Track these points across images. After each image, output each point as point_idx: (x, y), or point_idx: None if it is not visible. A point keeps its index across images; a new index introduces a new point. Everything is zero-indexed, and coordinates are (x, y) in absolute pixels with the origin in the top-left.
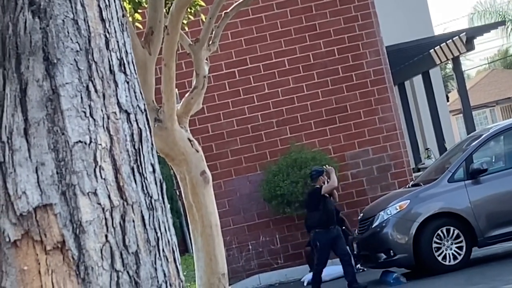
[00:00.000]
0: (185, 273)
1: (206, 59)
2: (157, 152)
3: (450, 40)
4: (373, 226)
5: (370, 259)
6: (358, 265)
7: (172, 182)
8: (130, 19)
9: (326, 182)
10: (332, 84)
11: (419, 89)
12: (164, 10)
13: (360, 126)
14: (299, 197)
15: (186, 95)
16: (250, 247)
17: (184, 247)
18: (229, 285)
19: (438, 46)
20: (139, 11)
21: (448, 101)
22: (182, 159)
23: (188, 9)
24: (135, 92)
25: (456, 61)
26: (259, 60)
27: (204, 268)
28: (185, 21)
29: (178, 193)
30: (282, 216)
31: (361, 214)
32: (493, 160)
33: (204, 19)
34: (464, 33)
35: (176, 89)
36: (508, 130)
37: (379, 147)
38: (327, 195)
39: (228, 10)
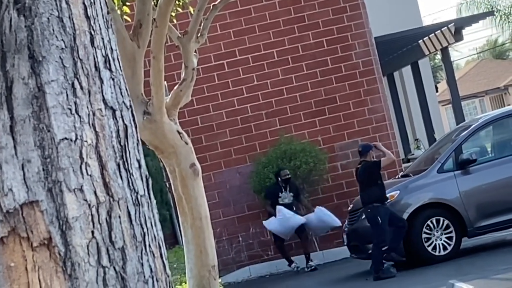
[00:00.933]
0: (175, 266)
1: (195, 51)
2: (146, 145)
3: (439, 31)
4: (363, 217)
5: (360, 250)
6: (310, 262)
7: (162, 174)
8: (119, 12)
9: (373, 157)
10: (321, 76)
11: (408, 80)
12: (153, 3)
13: (349, 117)
14: None
15: (175, 87)
16: (240, 239)
17: (174, 240)
18: (220, 277)
19: (427, 37)
20: (127, 4)
21: (437, 91)
22: (171, 151)
23: (177, 2)
24: (120, 89)
25: (445, 51)
26: (248, 52)
27: (194, 261)
28: (173, 14)
29: (168, 185)
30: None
31: (351, 205)
32: (483, 151)
33: (192, 12)
34: (453, 23)
35: (165, 82)
36: (497, 120)
37: (369, 138)
38: None
39: (216, 2)
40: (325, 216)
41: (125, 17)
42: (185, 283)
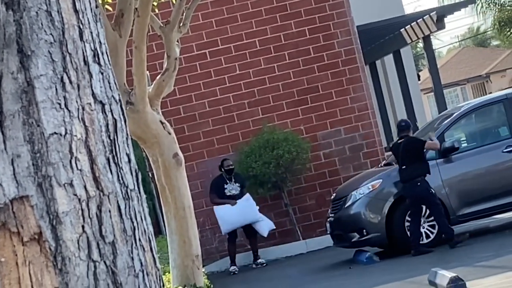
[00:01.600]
0: (159, 255)
1: (177, 41)
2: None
3: (421, 19)
4: (346, 206)
5: (343, 238)
6: (259, 260)
7: (145, 164)
8: (100, 1)
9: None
10: (303, 65)
11: (390, 68)
12: None
13: (332, 106)
14: (271, 177)
15: (158, 77)
16: None
17: (157, 230)
18: (203, 266)
19: (409, 25)
20: None
21: (419, 80)
22: (154, 141)
23: None
24: (109, 83)
25: (427, 39)
26: (230, 41)
27: (178, 250)
28: (155, 3)
29: (150, 175)
30: (255, 197)
31: (334, 194)
32: (465, 139)
33: (174, 1)
34: (435, 11)
35: (147, 72)
36: (479, 108)
37: (351, 127)
38: None
39: None
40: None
41: (106, 6)
42: (169, 272)
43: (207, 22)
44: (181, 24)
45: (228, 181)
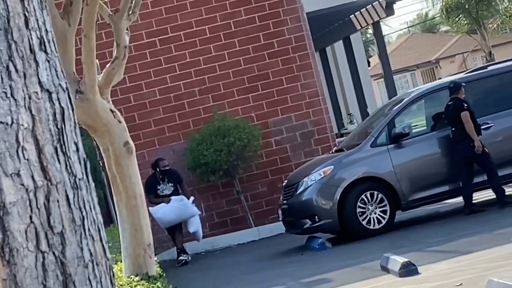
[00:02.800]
0: (110, 245)
1: (127, 29)
2: (79, 124)
3: (370, 5)
4: (297, 193)
5: (295, 225)
6: (181, 257)
7: (95, 153)
8: None
9: (463, 95)
10: (253, 52)
11: (340, 55)
12: None
13: (283, 93)
14: (223, 165)
15: (107, 65)
16: None
17: (108, 219)
18: (155, 255)
19: (358, 12)
20: None
21: (369, 66)
22: (104, 130)
23: None
24: (56, 71)
25: (376, 26)
26: (180, 29)
27: (130, 239)
28: None
29: (101, 164)
30: (207, 184)
31: (286, 181)
32: (415, 124)
33: None
34: None
35: (97, 60)
36: (429, 93)
37: (302, 114)
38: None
39: None
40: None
41: None
42: (121, 262)
43: (156, 10)
44: (130, 12)
45: (161, 181)
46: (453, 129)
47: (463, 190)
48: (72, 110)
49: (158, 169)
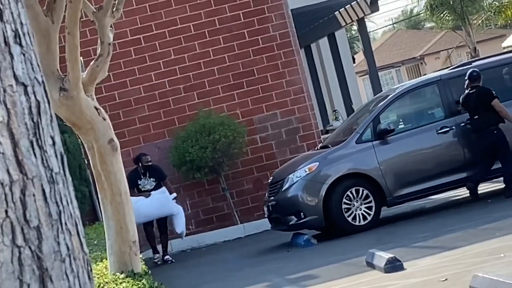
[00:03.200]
0: (95, 242)
1: (111, 26)
2: (64, 122)
3: (355, 2)
4: (283, 189)
5: (281, 222)
6: (167, 257)
7: (80, 151)
8: None
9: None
10: (238, 49)
11: (325, 51)
12: None
13: (268, 90)
14: (208, 162)
15: (91, 63)
16: None
17: (94, 216)
18: (141, 252)
19: (343, 8)
20: None
21: (354, 62)
22: (89, 127)
23: None
24: (31, 64)
25: (361, 22)
26: (165, 26)
27: (115, 237)
28: None
29: (86, 162)
30: (192, 181)
31: (271, 178)
32: (400, 120)
33: None
34: None
35: (81, 57)
36: (414, 90)
37: (287, 110)
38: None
39: None
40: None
41: None
42: (106, 259)
43: (140, 7)
44: (114, 9)
45: (142, 176)
46: (475, 117)
47: (504, 173)
48: (48, 104)
49: (140, 164)
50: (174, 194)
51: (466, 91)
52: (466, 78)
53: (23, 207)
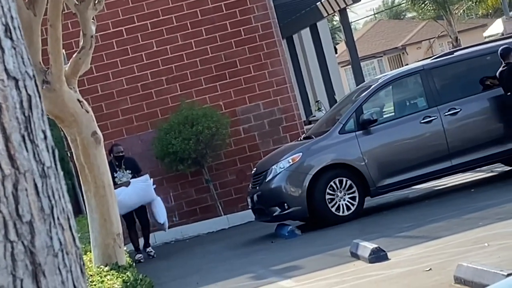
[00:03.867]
0: (79, 235)
1: (93, 19)
2: (46, 115)
3: None
4: (266, 180)
5: (264, 213)
6: (149, 249)
7: (63, 144)
8: None
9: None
10: (220, 40)
11: (308, 42)
12: None
13: (250, 81)
14: (191, 154)
15: (74, 55)
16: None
17: (77, 209)
18: (125, 245)
19: None
20: None
21: (336, 53)
22: (72, 120)
23: None
24: (22, 58)
25: (343, 13)
26: (147, 18)
27: (99, 229)
28: None
29: (69, 154)
30: (175, 173)
31: (254, 169)
32: (383, 110)
33: None
34: None
35: (63, 50)
36: (397, 80)
37: (270, 101)
38: None
39: None
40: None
41: None
42: (90, 252)
43: None
44: (96, 2)
45: (117, 169)
46: (508, 93)
47: None
48: (40, 98)
49: (112, 155)
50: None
51: (500, 68)
52: (499, 55)
53: (15, 201)
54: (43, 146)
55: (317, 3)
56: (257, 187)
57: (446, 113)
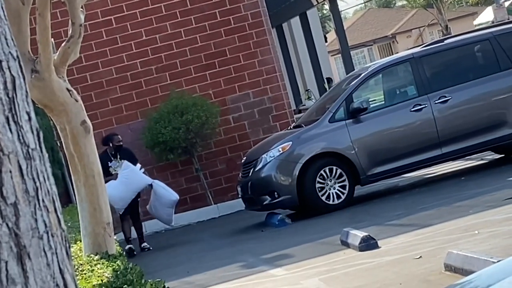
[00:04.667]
0: (69, 224)
1: (82, 7)
2: (35, 104)
3: None
4: (256, 169)
5: (254, 202)
6: (144, 244)
7: (53, 133)
8: None
9: None
10: (210, 29)
11: (297, 31)
12: None
13: (240, 70)
14: (181, 143)
15: (63, 44)
16: None
17: (67, 198)
18: (115, 234)
19: None
20: None
21: (326, 41)
22: (61, 109)
23: None
24: (6, 39)
25: (332, 1)
26: (136, 7)
27: (89, 218)
28: None
29: (59, 144)
30: (166, 163)
31: (244, 158)
32: (373, 99)
33: None
34: None
35: (52, 39)
36: (386, 68)
37: (260, 90)
38: None
39: None
40: (162, 189)
41: None
42: (80, 241)
43: None
44: None
45: (113, 158)
46: None
47: None
48: (24, 79)
49: (111, 144)
50: (139, 165)
51: None
52: None
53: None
54: (27, 127)
55: None
56: (247, 176)
57: (436, 101)
